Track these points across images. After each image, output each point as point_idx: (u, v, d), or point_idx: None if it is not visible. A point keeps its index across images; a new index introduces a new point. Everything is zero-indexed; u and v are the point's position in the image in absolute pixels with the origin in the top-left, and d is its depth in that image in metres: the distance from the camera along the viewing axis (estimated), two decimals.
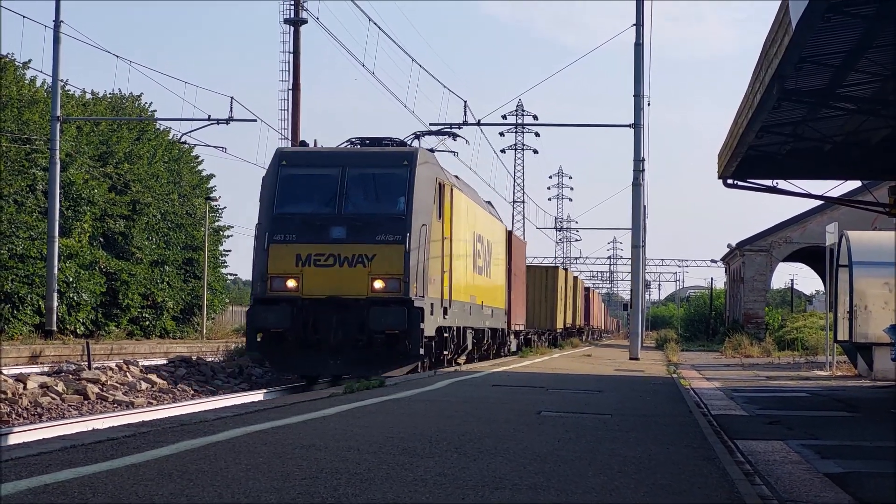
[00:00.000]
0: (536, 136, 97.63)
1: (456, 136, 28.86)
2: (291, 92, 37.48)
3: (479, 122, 35.71)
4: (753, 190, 22.78)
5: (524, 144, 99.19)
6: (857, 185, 32.42)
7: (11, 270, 34.92)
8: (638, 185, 33.69)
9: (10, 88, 37.20)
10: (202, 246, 48.99)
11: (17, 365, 24.37)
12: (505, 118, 78.00)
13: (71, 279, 37.49)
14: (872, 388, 20.69)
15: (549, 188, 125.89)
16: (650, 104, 43.06)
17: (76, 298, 38.08)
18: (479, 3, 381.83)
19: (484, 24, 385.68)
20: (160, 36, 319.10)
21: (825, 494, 7.78)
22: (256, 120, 45.31)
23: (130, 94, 48.56)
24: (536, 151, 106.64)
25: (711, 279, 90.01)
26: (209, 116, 35.63)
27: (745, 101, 17.52)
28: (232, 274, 65.55)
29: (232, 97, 35.18)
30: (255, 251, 21.35)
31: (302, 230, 20.82)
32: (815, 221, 50.70)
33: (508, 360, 29.55)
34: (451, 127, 33.44)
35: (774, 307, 65.97)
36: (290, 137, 36.82)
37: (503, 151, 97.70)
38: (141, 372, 21.70)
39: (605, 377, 21.08)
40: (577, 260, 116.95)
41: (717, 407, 15.50)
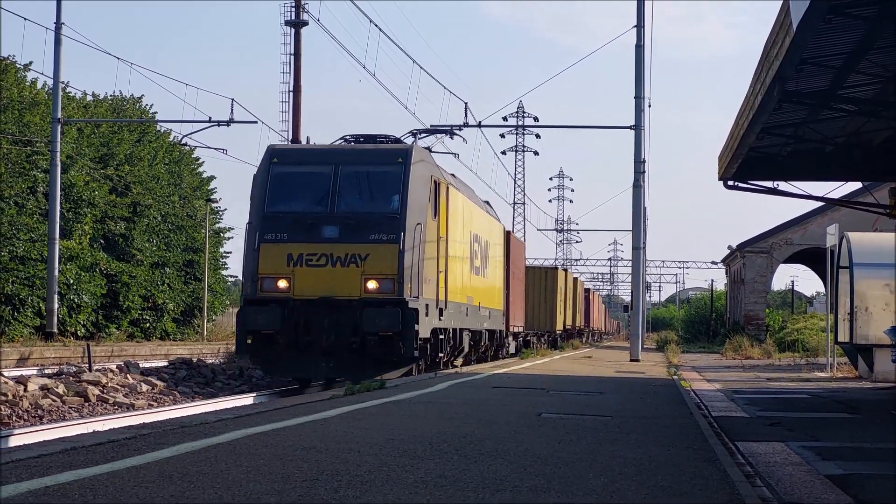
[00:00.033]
0: (537, 137, 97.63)
1: (454, 134, 28.51)
2: (292, 94, 37.46)
3: (479, 123, 35.74)
4: (754, 191, 22.78)
5: (525, 146, 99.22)
6: (857, 186, 32.44)
7: (12, 272, 34.90)
8: (638, 186, 33.69)
9: (10, 90, 37.19)
10: (203, 248, 48.98)
11: (17, 367, 24.36)
12: (505, 119, 78.06)
13: (71, 281, 37.47)
14: (873, 389, 20.68)
15: (549, 190, 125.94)
16: (651, 105, 43.06)
17: (77, 300, 38.06)
18: (479, 4, 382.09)
19: (484, 24, 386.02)
20: (160, 36, 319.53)
21: (826, 496, 7.77)
22: (257, 122, 45.45)
23: (131, 96, 48.57)
24: (537, 153, 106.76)
25: (712, 281, 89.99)
26: (210, 118, 35.64)
27: (745, 102, 17.52)
28: (233, 276, 65.48)
29: (233, 99, 35.19)
30: (245, 251, 20.95)
31: (293, 229, 20.40)
32: (815, 223, 50.71)
33: (508, 361, 29.55)
34: (451, 128, 33.43)
35: (775, 309, 65.94)
36: (290, 140, 36.81)
37: (504, 153, 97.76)
38: (141, 374, 21.70)
39: (605, 379, 21.07)
40: (577, 262, 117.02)
41: (717, 408, 15.49)
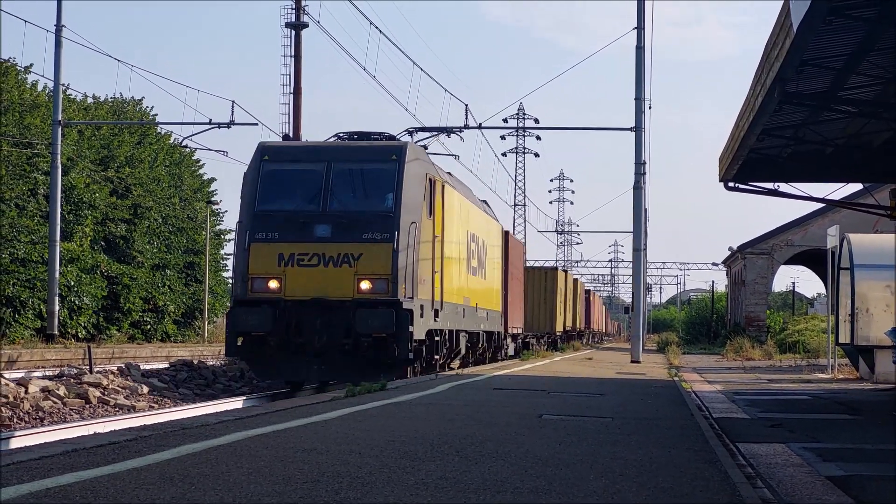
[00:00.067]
0: (537, 139, 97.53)
1: (451, 132, 28.04)
2: (292, 96, 37.47)
3: (480, 125, 35.73)
4: (755, 193, 22.77)
5: (525, 148, 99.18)
6: (858, 188, 32.43)
7: (13, 274, 34.92)
8: (639, 188, 33.69)
9: (11, 93, 37.22)
10: (203, 250, 49.00)
11: (14, 369, 24.37)
12: (506, 121, 78.00)
13: (72, 283, 37.49)
14: (874, 390, 20.68)
15: (550, 191, 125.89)
16: (651, 107, 43.04)
17: (77, 302, 38.08)
18: (479, 4, 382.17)
19: (485, 26, 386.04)
20: (160, 36, 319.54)
21: (827, 497, 7.77)
22: (258, 124, 45.49)
23: (132, 98, 48.62)
24: (538, 155, 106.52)
25: (713, 282, 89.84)
26: (210, 120, 35.66)
27: (746, 103, 17.52)
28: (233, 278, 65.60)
29: (233, 101, 35.29)
30: (235, 250, 20.51)
31: (285, 228, 19.92)
32: (816, 224, 50.73)
33: (509, 363, 29.54)
34: (452, 130, 33.42)
35: (776, 310, 65.95)
36: None
37: (504, 155, 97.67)
38: (143, 376, 21.70)
39: (606, 380, 21.07)
40: (578, 263, 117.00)
41: (718, 410, 15.50)
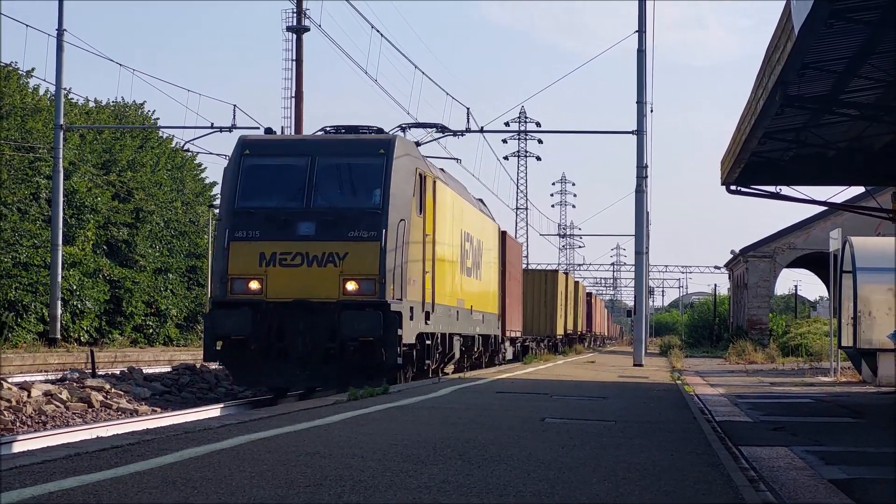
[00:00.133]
0: (539, 142, 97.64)
1: (445, 129, 27.15)
2: (294, 100, 37.51)
3: (481, 129, 35.76)
4: (757, 196, 22.78)
5: (527, 151, 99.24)
6: (860, 190, 32.42)
7: (15, 279, 34.94)
8: (641, 191, 33.70)
9: (13, 97, 37.26)
10: (205, 254, 48.99)
11: (21, 373, 24.37)
12: (507, 125, 77.90)
13: (74, 287, 37.51)
14: (877, 394, 20.68)
15: (552, 195, 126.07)
16: (653, 110, 43.02)
17: (80, 306, 38.10)
18: (480, 7, 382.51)
19: (484, 26, 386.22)
20: (160, 36, 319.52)
21: (830, 500, 7.77)
22: (259, 128, 45.38)
23: (133, 102, 48.68)
24: (539, 158, 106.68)
25: (715, 285, 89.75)
26: (212, 124, 35.72)
27: (747, 107, 17.53)
28: None
29: (235, 105, 35.37)
30: (214, 250, 19.54)
31: (266, 226, 18.95)
32: (818, 227, 50.71)
33: (511, 366, 29.53)
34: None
35: (778, 313, 65.85)
36: None
37: (506, 158, 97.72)
38: (145, 379, 21.70)
39: (608, 384, 21.06)
40: (580, 266, 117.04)
41: (721, 413, 15.49)
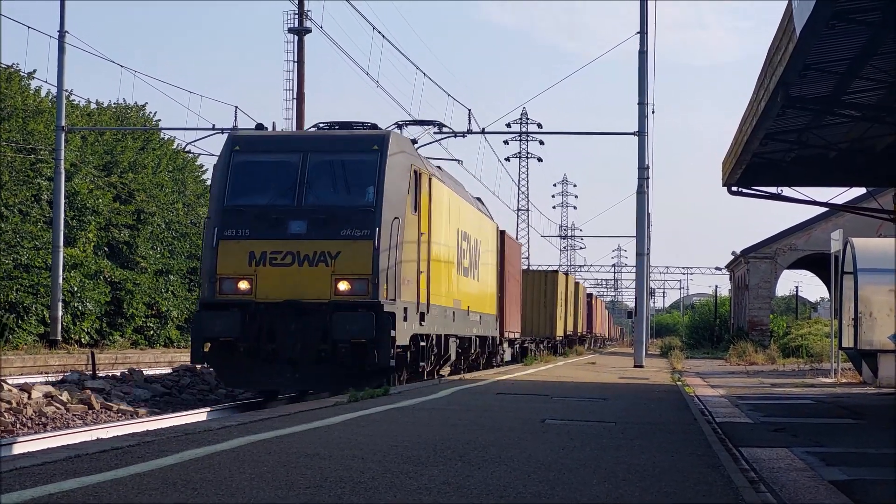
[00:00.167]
0: (541, 143, 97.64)
1: (443, 126, 26.72)
2: (296, 101, 37.51)
3: (483, 130, 35.75)
4: (758, 197, 22.80)
5: (528, 152, 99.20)
6: (861, 192, 32.43)
7: (16, 280, 34.93)
8: (642, 193, 33.69)
9: (15, 98, 37.26)
10: None
11: (21, 374, 24.38)
12: (509, 126, 77.89)
13: (75, 289, 37.50)
14: (877, 395, 20.67)
15: (553, 196, 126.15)
16: (654, 111, 42.97)
17: (81, 308, 38.09)
18: (481, 9, 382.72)
19: (484, 26, 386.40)
20: (160, 36, 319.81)
21: (830, 501, 7.77)
22: None
23: (135, 103, 48.67)
24: (541, 159, 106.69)
25: (716, 286, 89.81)
26: (214, 126, 35.67)
27: (749, 108, 17.54)
28: None
29: (236, 106, 35.47)
30: (203, 249, 19.21)
31: (256, 225, 18.39)
32: (819, 228, 50.70)
33: (512, 368, 29.52)
34: (454, 135, 33.40)
35: (779, 314, 65.82)
36: None
37: (507, 159, 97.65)
38: (146, 381, 21.70)
39: (609, 385, 21.05)
40: (581, 268, 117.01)
41: (721, 414, 15.49)
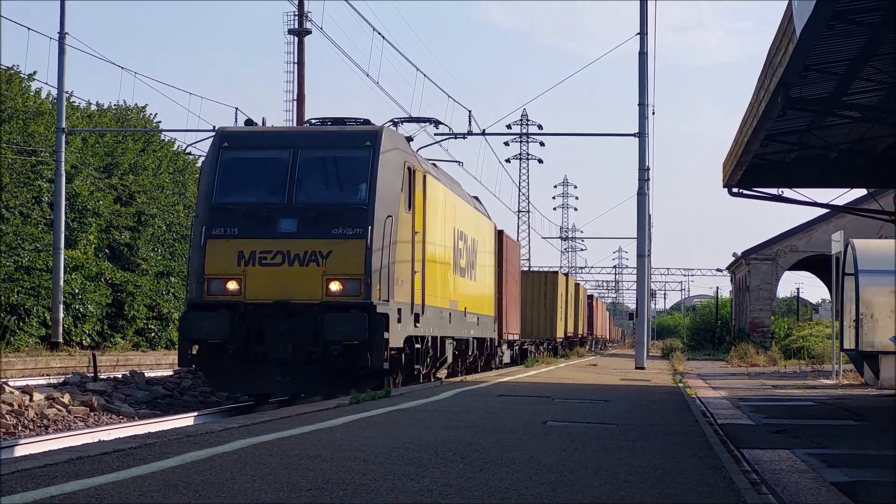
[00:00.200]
0: (541, 145, 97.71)
1: (439, 122, 25.98)
2: (296, 103, 37.53)
3: (483, 131, 35.76)
4: (759, 199, 22.81)
5: (529, 154, 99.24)
6: (862, 193, 32.43)
7: (17, 282, 34.94)
8: (643, 194, 33.68)
9: (15, 100, 37.27)
10: None
11: (23, 376, 24.39)
12: (509, 127, 77.91)
13: (77, 291, 37.51)
14: (879, 396, 20.66)
15: (553, 198, 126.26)
16: (655, 113, 42.94)
17: (82, 310, 38.09)
18: (481, 10, 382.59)
19: (487, 30, 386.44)
20: (160, 36, 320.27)
21: (832, 503, 7.76)
22: None
23: (136, 105, 48.65)
24: (541, 161, 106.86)
25: (717, 288, 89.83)
26: (214, 127, 35.62)
27: (749, 109, 17.54)
28: None
29: (237, 108, 35.51)
30: (190, 248, 18.74)
31: (245, 223, 17.91)
32: (820, 230, 50.69)
33: (513, 369, 29.52)
34: (455, 137, 33.40)
35: (780, 316, 65.86)
36: None
37: (508, 161, 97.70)
38: (147, 383, 21.70)
39: (610, 387, 21.05)
40: (582, 269, 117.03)
41: (723, 416, 15.48)
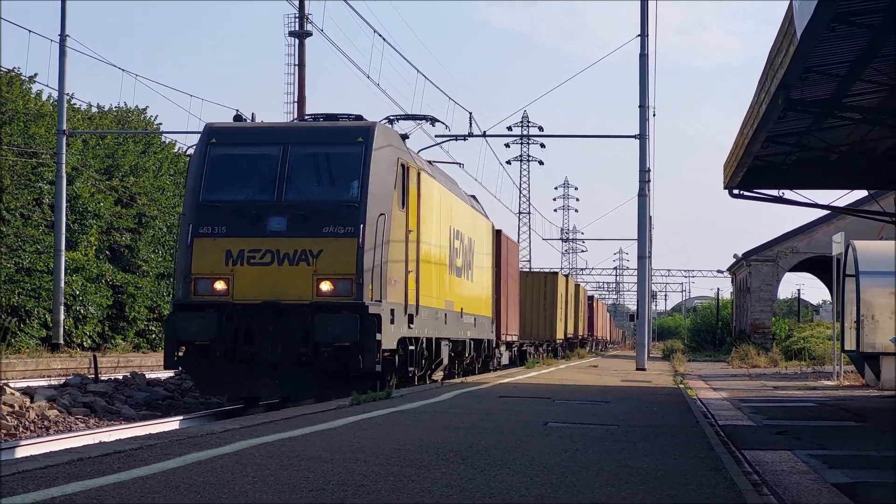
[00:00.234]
0: (542, 147, 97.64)
1: (436, 120, 25.35)
2: (297, 105, 37.55)
3: (484, 133, 35.75)
4: (760, 200, 22.81)
5: (529, 155, 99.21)
6: (863, 194, 32.43)
7: (18, 284, 34.94)
8: (643, 196, 33.68)
9: (16, 102, 37.28)
10: None
11: (24, 378, 24.39)
12: (510, 129, 77.87)
13: (77, 292, 37.51)
14: (880, 397, 20.66)
15: (554, 199, 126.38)
16: (655, 114, 42.94)
17: (83, 311, 38.09)
18: (480, 8, 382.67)
19: (487, 31, 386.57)
20: (160, 36, 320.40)
21: None
22: None
23: (136, 107, 48.66)
24: (542, 162, 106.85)
25: (718, 289, 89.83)
26: None
27: (750, 111, 17.54)
28: None
29: (237, 110, 35.30)
30: (178, 247, 18.23)
31: (233, 221, 17.43)
32: (821, 231, 50.67)
33: (514, 371, 29.51)
34: (456, 138, 33.39)
35: (781, 317, 65.86)
36: None
37: (508, 163, 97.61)
38: (148, 384, 21.71)
39: (611, 388, 21.05)
40: (583, 271, 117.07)
41: (724, 417, 15.48)
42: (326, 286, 17.15)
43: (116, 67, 74.26)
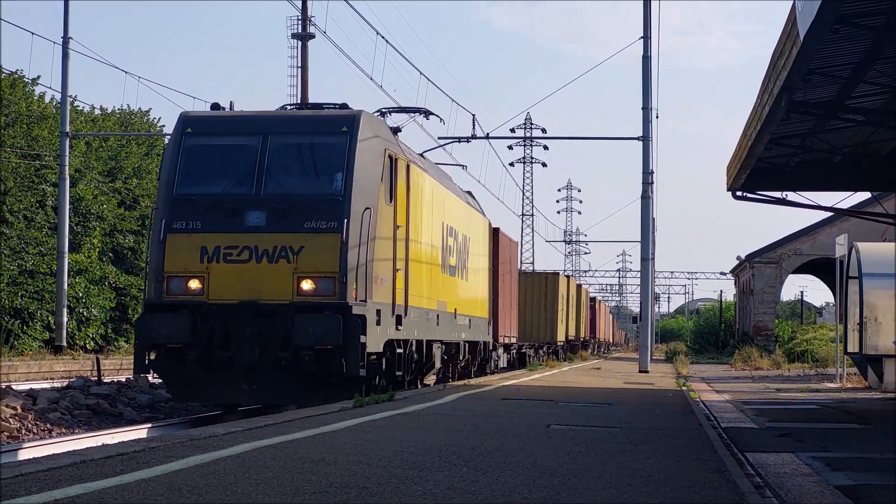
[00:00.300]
0: (545, 149, 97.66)
1: (429, 113, 24.33)
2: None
3: (487, 135, 35.78)
4: (763, 202, 22.80)
5: (532, 157, 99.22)
6: (866, 196, 32.42)
7: (21, 286, 34.99)
8: (647, 197, 33.69)
9: (19, 105, 37.36)
10: None
11: (27, 380, 24.40)
12: (513, 131, 77.96)
13: (80, 294, 37.56)
14: (883, 400, 20.64)
15: (557, 201, 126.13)
16: (658, 116, 42.92)
17: (86, 314, 38.14)
18: (481, 9, 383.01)
19: (488, 31, 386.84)
20: (160, 36, 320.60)
21: None
22: None
23: (139, 109, 48.77)
24: (545, 164, 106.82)
25: (721, 291, 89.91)
26: None
27: (753, 113, 17.53)
28: None
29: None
30: (149, 244, 17.31)
31: (209, 216, 16.43)
32: (824, 233, 50.65)
33: (516, 373, 29.52)
34: (459, 140, 33.40)
35: (784, 319, 65.87)
36: None
37: (511, 165, 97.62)
38: (151, 387, 21.71)
39: (614, 390, 21.05)
40: (586, 273, 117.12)
41: (727, 419, 15.47)
42: (308, 285, 16.18)
43: (119, 69, 74.23)
